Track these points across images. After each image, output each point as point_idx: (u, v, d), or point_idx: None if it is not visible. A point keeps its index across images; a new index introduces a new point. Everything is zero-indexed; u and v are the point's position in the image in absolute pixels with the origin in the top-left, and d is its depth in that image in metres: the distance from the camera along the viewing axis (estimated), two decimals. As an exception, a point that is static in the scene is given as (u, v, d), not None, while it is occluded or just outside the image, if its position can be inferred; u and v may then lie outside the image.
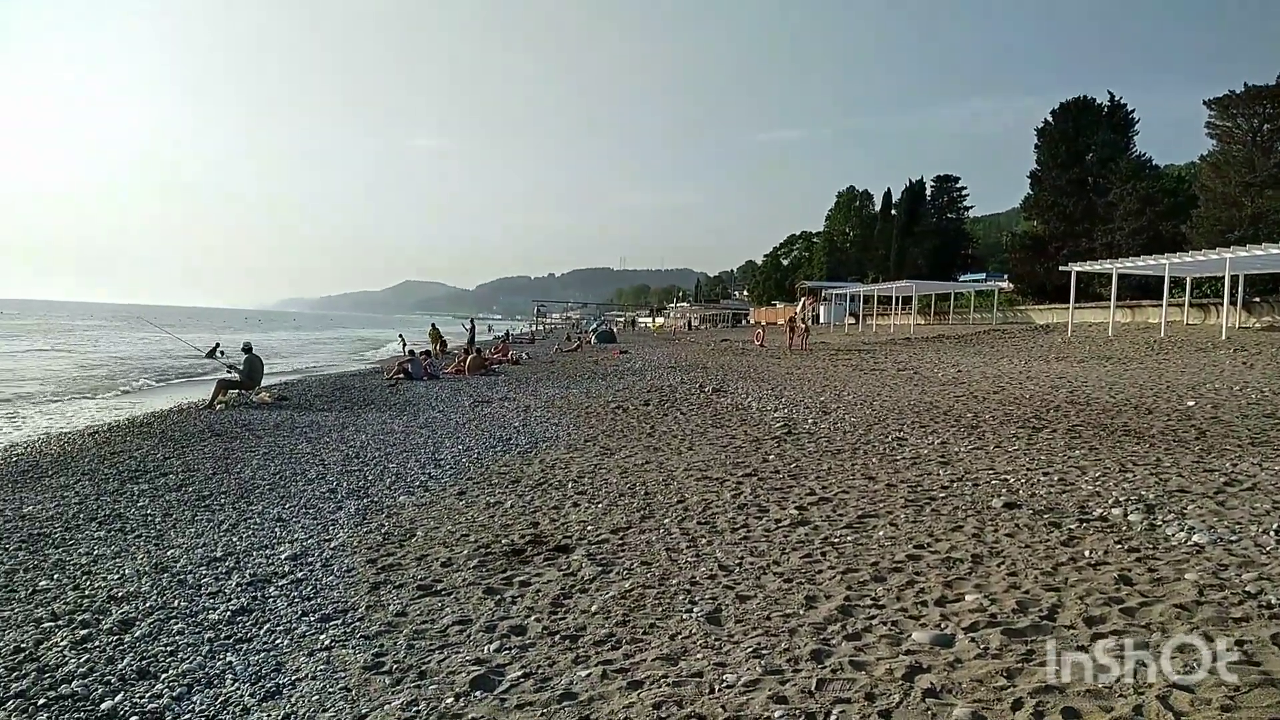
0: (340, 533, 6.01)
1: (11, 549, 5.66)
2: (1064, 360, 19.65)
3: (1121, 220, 40.52)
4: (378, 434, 11.01)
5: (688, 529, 5.73)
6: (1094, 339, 25.11)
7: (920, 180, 71.79)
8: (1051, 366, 18.04)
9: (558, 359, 32.10)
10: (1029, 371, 17.02)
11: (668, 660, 3.58)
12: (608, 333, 55.90)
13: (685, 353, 31.64)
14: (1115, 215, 41.31)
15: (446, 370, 22.12)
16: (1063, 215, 46.59)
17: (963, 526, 5.53)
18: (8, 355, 33.00)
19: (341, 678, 3.55)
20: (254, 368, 15.72)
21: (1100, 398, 12.16)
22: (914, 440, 8.97)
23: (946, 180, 71.40)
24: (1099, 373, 16.13)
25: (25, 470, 8.65)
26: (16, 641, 4.00)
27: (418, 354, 22.22)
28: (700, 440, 9.64)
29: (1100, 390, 13.07)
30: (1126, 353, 20.22)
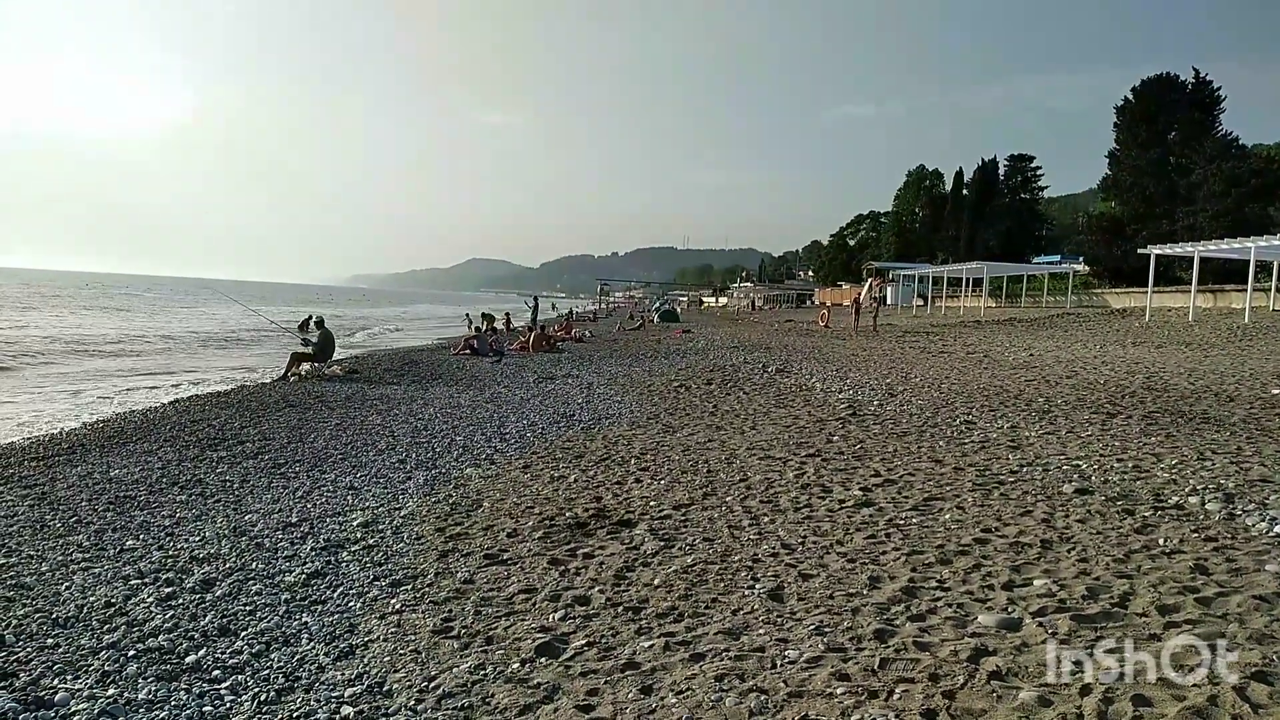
0: (410, 502, 6.16)
1: (100, 509, 5.92)
2: (1141, 345, 19.08)
3: (1205, 202, 39.05)
4: (445, 408, 11.21)
5: (750, 507, 5.73)
6: (1173, 324, 24.32)
7: (993, 159, 70.13)
8: (1128, 351, 17.53)
9: (620, 337, 32.28)
10: (1104, 356, 16.57)
11: (729, 635, 3.60)
12: (671, 311, 55.92)
13: (748, 333, 31.53)
14: (1198, 196, 39.82)
15: (511, 347, 22.39)
16: (1142, 196, 45.09)
17: (1032, 511, 5.43)
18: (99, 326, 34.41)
19: (412, 641, 3.65)
20: (327, 341, 16.13)
21: (1178, 384, 11.79)
22: (983, 424, 8.82)
23: (1021, 159, 69.60)
24: (1178, 358, 15.63)
25: (111, 436, 9.03)
26: (108, 596, 4.20)
27: (484, 331, 22.52)
28: (763, 420, 9.61)
29: (1179, 376, 12.67)
30: (1207, 338, 19.54)
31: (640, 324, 43.67)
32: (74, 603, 4.12)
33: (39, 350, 22.05)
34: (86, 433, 9.36)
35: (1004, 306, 45.01)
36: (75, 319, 40.03)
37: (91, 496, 6.31)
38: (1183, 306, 27.99)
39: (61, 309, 49.15)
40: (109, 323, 38.38)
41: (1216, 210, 37.96)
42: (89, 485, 6.66)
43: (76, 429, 9.74)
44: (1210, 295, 29.93)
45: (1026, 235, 66.76)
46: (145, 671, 3.37)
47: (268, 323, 22.90)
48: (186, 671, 3.39)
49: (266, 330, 26.24)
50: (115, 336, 28.99)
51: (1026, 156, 69.83)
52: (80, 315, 43.62)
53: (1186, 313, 26.44)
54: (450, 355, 20.44)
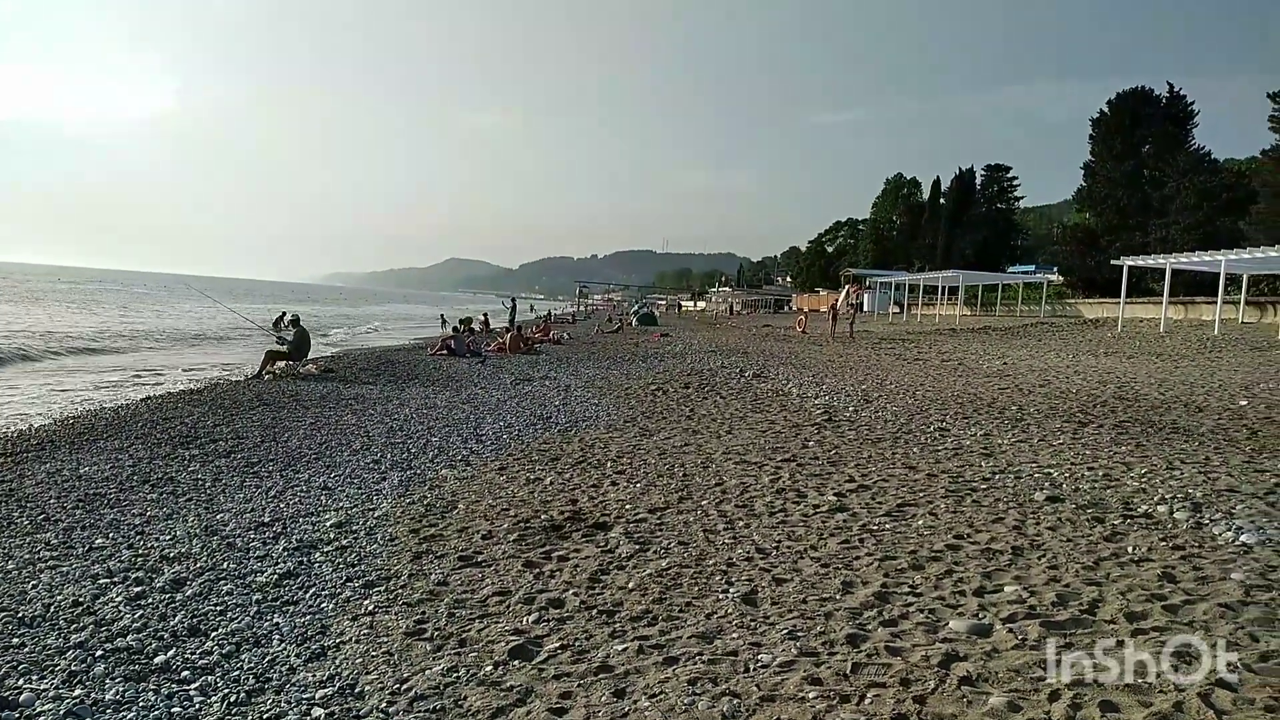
0: (384, 503, 6.12)
1: (69, 507, 5.84)
2: (1113, 355, 19.33)
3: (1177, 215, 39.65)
4: (421, 408, 11.16)
5: (725, 511, 5.75)
6: (1145, 335, 24.66)
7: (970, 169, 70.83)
8: (1100, 361, 17.75)
9: (599, 340, 32.27)
10: (1076, 366, 16.77)
11: (703, 638, 3.61)
12: (649, 315, 55.97)
13: (726, 337, 31.62)
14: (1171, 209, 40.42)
15: (489, 348, 22.33)
16: (1116, 208, 45.70)
17: (1004, 519, 5.49)
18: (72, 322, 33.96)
19: (384, 642, 3.63)
20: (302, 340, 16.01)
21: (1149, 394, 11.95)
22: (956, 431, 8.90)
23: (998, 170, 70.33)
24: (1149, 369, 15.85)
25: (81, 432, 8.90)
26: (75, 595, 4.14)
27: (461, 332, 22.43)
28: (740, 425, 9.64)
29: (1149, 387, 12.85)
30: (1178, 349, 19.82)
31: (619, 327, 43.66)
32: (41, 601, 4.06)
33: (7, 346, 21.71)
34: (56, 429, 9.23)
35: (979, 315, 45.43)
36: (46, 314, 39.48)
37: (60, 494, 6.22)
38: (1154, 318, 28.37)
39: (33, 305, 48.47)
40: (82, 319, 37.89)
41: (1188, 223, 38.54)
42: (58, 482, 6.57)
43: (46, 425, 9.59)
44: (1181, 307, 30.37)
45: (1002, 245, 67.44)
46: (113, 672, 3.33)
47: (243, 320, 22.71)
48: (155, 672, 3.35)
49: (241, 328, 26.02)
50: (88, 333, 28.62)
51: (1003, 167, 70.57)
52: (52, 311, 43.03)
53: (1158, 324, 26.80)
54: (427, 355, 20.34)
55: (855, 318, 31.31)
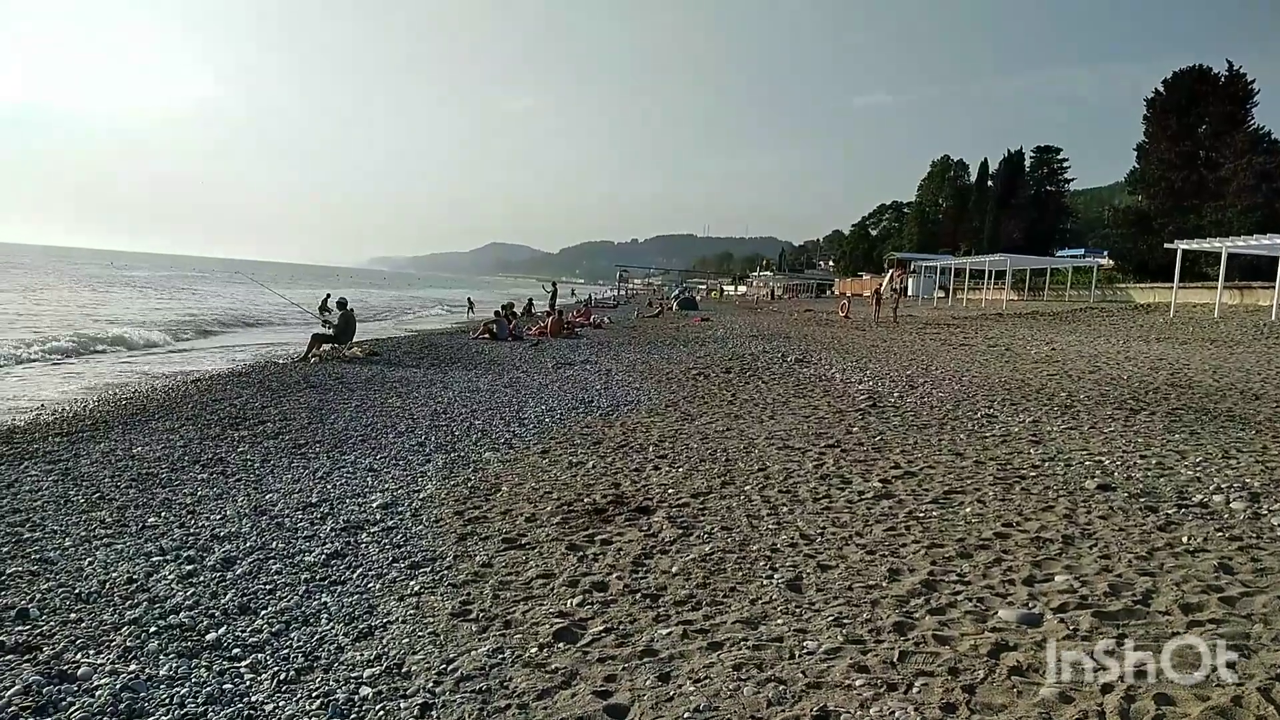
0: (429, 484, 6.18)
1: (123, 486, 5.97)
2: (1165, 341, 18.87)
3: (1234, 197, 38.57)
4: (464, 391, 11.24)
5: (769, 497, 5.71)
6: (1198, 320, 24.05)
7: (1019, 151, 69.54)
8: (1152, 347, 17.34)
9: (639, 324, 32.28)
10: (1127, 351, 16.40)
11: (748, 624, 3.59)
12: (690, 299, 55.83)
13: (768, 322, 31.43)
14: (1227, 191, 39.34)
15: (530, 332, 22.43)
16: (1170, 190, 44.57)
17: (1053, 507, 5.39)
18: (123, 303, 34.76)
19: (430, 623, 3.66)
20: (348, 323, 16.20)
21: (1203, 381, 11.65)
22: (1004, 418, 8.75)
23: (1047, 151, 68.97)
24: (1203, 355, 15.44)
25: (134, 413, 9.10)
26: (130, 572, 4.23)
27: (503, 315, 22.56)
28: (782, 409, 9.57)
29: (1203, 374, 12.52)
30: (1233, 335, 19.30)
31: (659, 311, 43.62)
32: (96, 578, 4.15)
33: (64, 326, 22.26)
34: (109, 410, 9.44)
35: (1026, 300, 44.64)
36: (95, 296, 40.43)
37: (114, 473, 6.36)
38: (1208, 303, 27.68)
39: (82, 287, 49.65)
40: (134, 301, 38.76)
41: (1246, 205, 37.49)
42: (112, 462, 6.72)
43: (99, 406, 9.81)
44: (1237, 292, 29.56)
45: (1051, 228, 66.23)
46: (166, 648, 3.40)
47: (289, 305, 23.03)
48: (207, 649, 3.41)
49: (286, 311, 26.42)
50: (137, 315, 29.26)
51: (1053, 149, 69.20)
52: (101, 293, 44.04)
53: (1212, 309, 26.14)
54: (470, 339, 20.49)
55: (900, 302, 30.90)
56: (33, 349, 16.33)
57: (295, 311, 22.83)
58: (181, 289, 56.41)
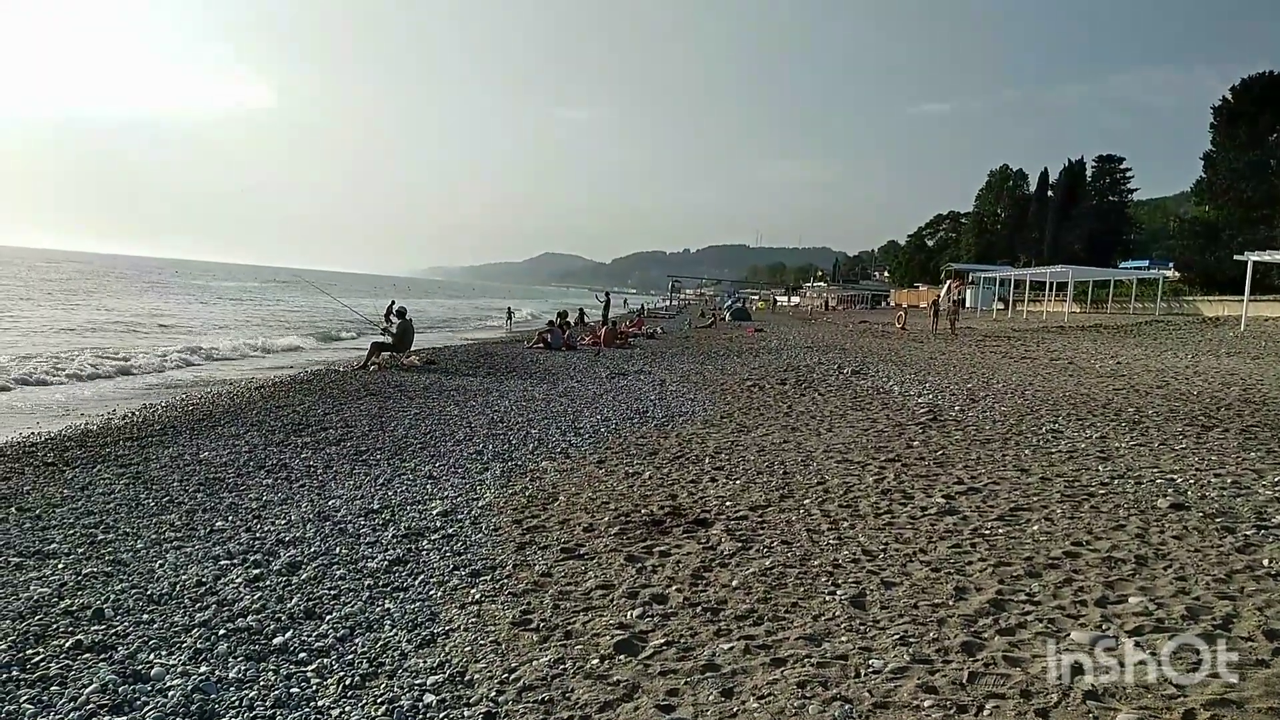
0: (487, 493, 6.22)
1: (191, 490, 6.13)
2: (1236, 356, 18.26)
3: (1309, 207, 37.25)
4: (520, 400, 11.32)
5: (829, 511, 5.64)
6: (1271, 334, 23.25)
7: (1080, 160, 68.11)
8: (1222, 362, 16.79)
9: (692, 334, 32.21)
10: (1196, 366, 15.90)
11: (811, 640, 3.54)
12: (742, 309, 55.62)
13: (822, 333, 31.15)
14: (1300, 201, 37.99)
15: (584, 342, 22.52)
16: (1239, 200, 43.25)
17: (1125, 526, 5.22)
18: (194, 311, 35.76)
19: (492, 631, 3.68)
20: (406, 332, 16.44)
21: (1278, 397, 11.24)
22: (1070, 433, 8.53)
23: (1109, 160, 67.48)
24: (1277, 371, 14.90)
25: (201, 419, 9.34)
26: (199, 575, 4.32)
27: (557, 325, 22.70)
28: (840, 422, 9.46)
29: (1278, 389, 12.08)
30: (1311, 351, 18.61)
31: (712, 321, 43.52)
32: (167, 580, 4.25)
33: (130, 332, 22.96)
34: (177, 415, 9.70)
35: (1089, 312, 43.57)
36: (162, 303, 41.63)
37: (183, 477, 6.53)
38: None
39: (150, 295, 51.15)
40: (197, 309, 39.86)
41: (1321, 216, 36.21)
42: (180, 466, 6.90)
43: (167, 411, 10.08)
44: (1314, 306, 28.51)
45: (1114, 239, 64.75)
46: (235, 650, 3.46)
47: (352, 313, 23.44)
48: (274, 653, 3.47)
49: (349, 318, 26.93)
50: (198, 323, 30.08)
51: (1115, 157, 67.71)
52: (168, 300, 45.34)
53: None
54: (524, 348, 20.65)
55: (958, 314, 30.39)
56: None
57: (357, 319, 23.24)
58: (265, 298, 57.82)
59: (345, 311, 24.66)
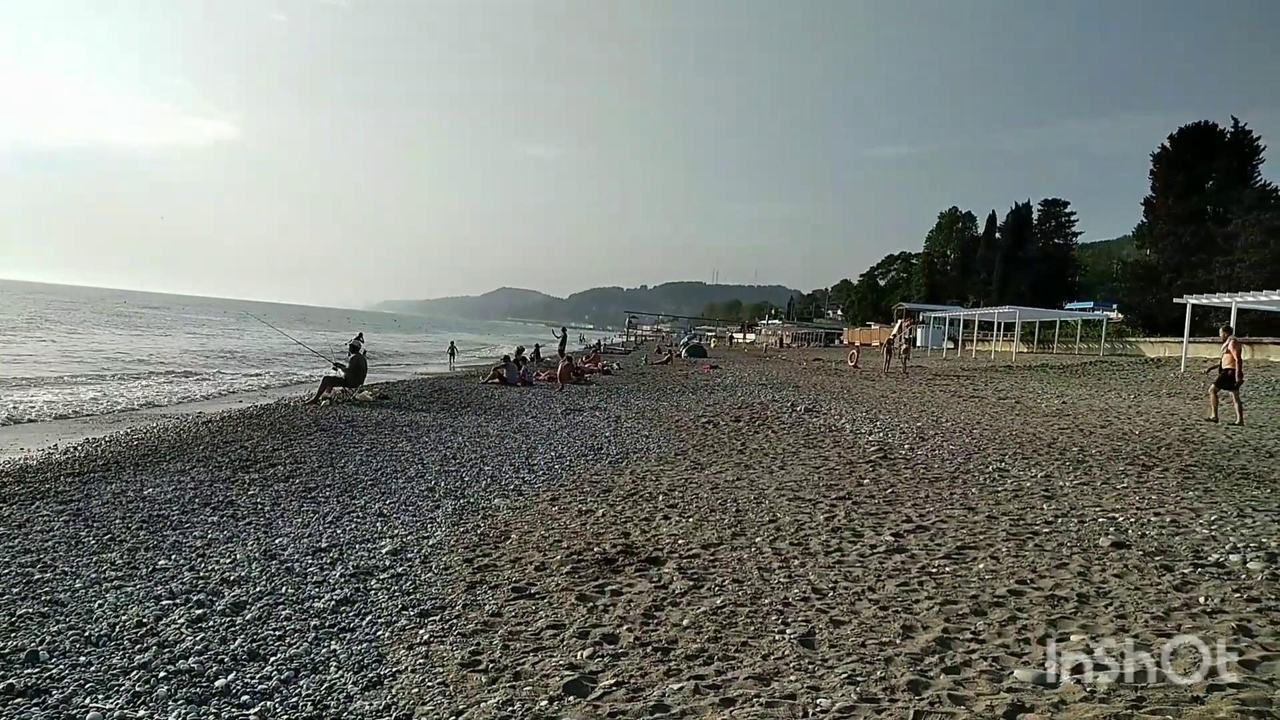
0: (438, 531, 6.16)
1: (134, 528, 5.98)
2: (1176, 396, 18.79)
3: (1243, 252, 38.66)
4: (473, 436, 11.25)
5: (780, 549, 5.68)
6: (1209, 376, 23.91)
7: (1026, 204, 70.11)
8: (1163, 402, 17.26)
9: (648, 371, 32.28)
10: (1139, 406, 16.33)
11: (760, 680, 3.55)
12: (699, 347, 55.91)
13: (777, 370, 31.41)
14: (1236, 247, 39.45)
15: (540, 377, 22.46)
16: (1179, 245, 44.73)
17: (1068, 564, 5.33)
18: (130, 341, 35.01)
19: (440, 673, 3.64)
20: (359, 367, 16.27)
21: (1216, 438, 11.58)
22: (1016, 472, 8.70)
23: (1055, 204, 69.47)
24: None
25: (145, 454, 9.14)
26: (139, 616, 4.22)
27: (512, 360, 22.63)
28: (792, 460, 9.54)
29: (1216, 430, 12.45)
30: (1245, 392, 19.18)
31: (668, 358, 43.67)
32: (106, 621, 4.15)
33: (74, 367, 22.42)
34: (121, 450, 9.47)
35: (1036, 352, 44.58)
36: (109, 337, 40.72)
37: (125, 514, 6.38)
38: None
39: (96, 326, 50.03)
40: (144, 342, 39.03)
41: (1255, 260, 37.55)
42: (123, 503, 6.74)
43: (110, 446, 9.84)
44: (1248, 348, 29.45)
45: (1059, 281, 66.41)
46: (175, 693, 3.39)
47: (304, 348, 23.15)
48: (216, 695, 3.40)
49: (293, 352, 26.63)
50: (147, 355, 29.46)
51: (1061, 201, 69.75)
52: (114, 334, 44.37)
53: (1223, 364, 26.01)
54: (479, 384, 20.54)
55: (909, 353, 30.88)
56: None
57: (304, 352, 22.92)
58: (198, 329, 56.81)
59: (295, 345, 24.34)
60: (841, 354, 46.88)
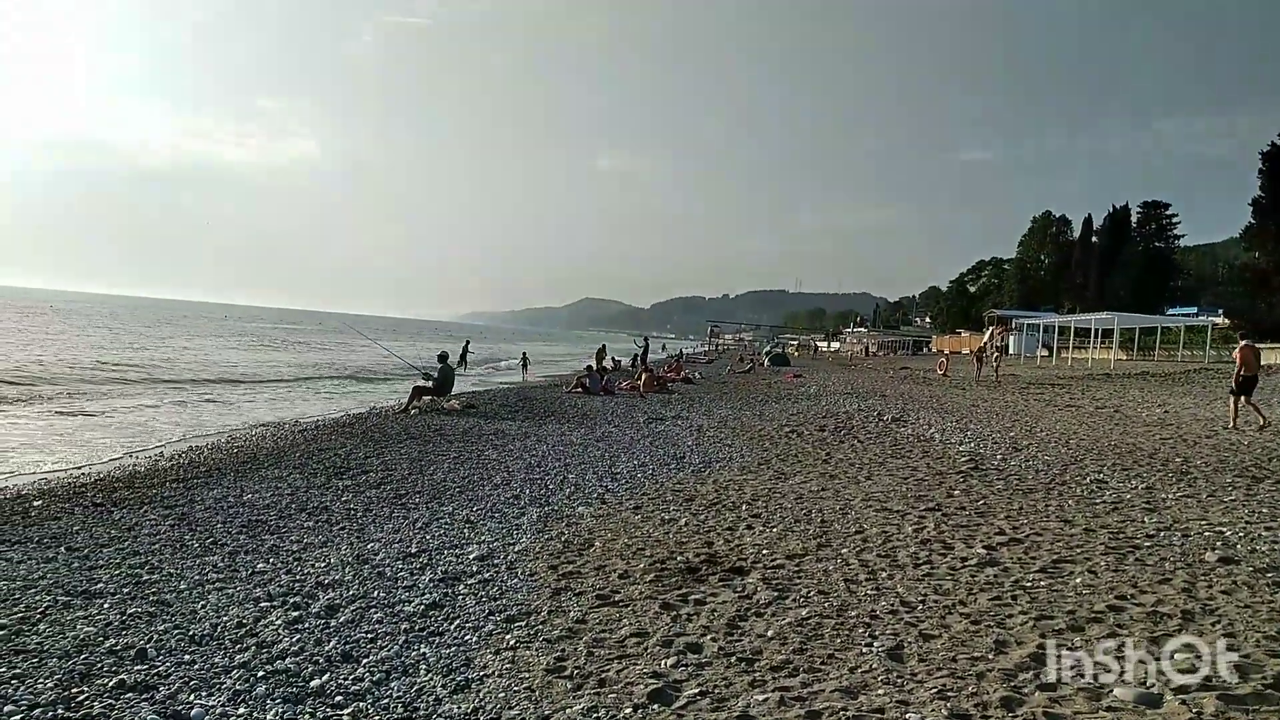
0: (523, 538, 6.24)
1: (234, 532, 6.23)
2: (1291, 405, 17.79)
3: (1363, 253, 36.47)
4: (557, 445, 11.37)
5: (867, 561, 5.57)
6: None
7: (1125, 206, 67.39)
8: (1274, 412, 16.37)
9: (731, 380, 32.12)
10: (1247, 416, 15.51)
11: (847, 693, 3.49)
12: (782, 355, 55.43)
13: (862, 379, 30.92)
14: (1355, 247, 37.23)
15: (622, 386, 22.57)
16: (1290, 246, 42.40)
17: (1171, 579, 5.09)
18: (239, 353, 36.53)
19: (526, 678, 3.68)
20: (447, 377, 16.62)
21: (1337, 449, 10.92)
22: (1115, 484, 8.36)
23: (1155, 206, 66.72)
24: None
25: (245, 461, 9.52)
26: (239, 617, 4.39)
27: (594, 370, 22.79)
28: (879, 470, 9.37)
29: (1337, 441, 11.75)
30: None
31: (750, 367, 43.40)
32: (209, 621, 4.32)
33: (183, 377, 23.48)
34: (222, 457, 9.88)
35: (1136, 360, 42.77)
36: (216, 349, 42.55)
37: (226, 519, 6.64)
38: None
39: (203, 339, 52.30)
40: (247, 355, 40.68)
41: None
42: (224, 508, 7.02)
43: (213, 453, 10.28)
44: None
45: (1160, 285, 63.75)
46: (273, 692, 3.50)
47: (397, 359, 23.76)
48: (311, 695, 3.50)
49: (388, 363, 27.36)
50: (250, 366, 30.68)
51: (1161, 203, 66.96)
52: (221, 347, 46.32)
53: (1343, 371, 24.58)
54: (563, 393, 20.75)
55: (1001, 360, 30.02)
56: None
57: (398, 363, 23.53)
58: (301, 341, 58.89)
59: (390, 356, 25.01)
60: (930, 362, 45.87)
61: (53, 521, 6.47)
